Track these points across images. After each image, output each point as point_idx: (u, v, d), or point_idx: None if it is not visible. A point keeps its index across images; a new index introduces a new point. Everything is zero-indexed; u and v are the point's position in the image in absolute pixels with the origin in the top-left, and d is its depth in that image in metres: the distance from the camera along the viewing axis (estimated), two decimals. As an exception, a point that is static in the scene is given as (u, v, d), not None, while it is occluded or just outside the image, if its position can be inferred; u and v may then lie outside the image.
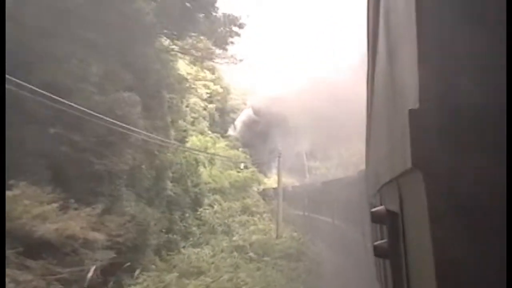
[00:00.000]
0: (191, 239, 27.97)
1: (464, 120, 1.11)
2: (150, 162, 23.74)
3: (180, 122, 31.52)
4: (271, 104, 63.35)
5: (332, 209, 27.13)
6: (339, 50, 57.04)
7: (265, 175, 78.03)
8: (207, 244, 27.52)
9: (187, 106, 39.84)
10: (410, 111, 1.18)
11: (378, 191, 4.07)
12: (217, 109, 57.54)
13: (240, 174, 38.81)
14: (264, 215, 38.10)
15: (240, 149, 48.88)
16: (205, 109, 51.25)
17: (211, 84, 44.78)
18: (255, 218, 35.39)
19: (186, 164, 29.75)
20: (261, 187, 42.59)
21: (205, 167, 35.24)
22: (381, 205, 3.39)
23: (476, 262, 1.03)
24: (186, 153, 30.14)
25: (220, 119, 59.78)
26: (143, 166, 23.03)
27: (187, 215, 28.68)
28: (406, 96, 1.39)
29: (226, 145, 47.90)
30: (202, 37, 30.10)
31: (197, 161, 30.73)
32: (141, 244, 20.24)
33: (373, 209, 3.03)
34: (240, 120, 66.08)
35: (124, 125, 18.52)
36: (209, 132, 49.39)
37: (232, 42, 31.90)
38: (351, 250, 19.06)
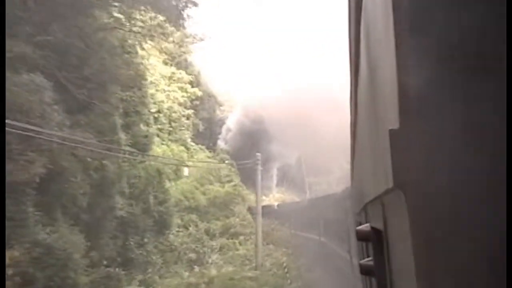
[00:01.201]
0: (149, 270, 22.29)
1: (447, 139, 1.10)
2: (86, 174, 18.18)
3: (141, 126, 26.02)
4: (262, 111, 57.99)
5: (319, 227, 26.29)
6: (334, 51, 51.70)
7: (262, 192, 72.71)
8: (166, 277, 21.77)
9: (159, 112, 34.42)
10: (391, 131, 1.18)
11: (363, 208, 3.99)
12: (202, 119, 52.34)
13: (220, 189, 33.13)
14: (252, 236, 32.47)
15: (227, 161, 43.26)
16: (187, 118, 46.14)
17: (188, 87, 39.21)
18: (237, 241, 29.69)
19: (146, 177, 24.15)
20: (246, 203, 36.92)
21: (172, 180, 29.63)
22: (366, 222, 3.23)
23: (460, 280, 1.05)
24: (146, 163, 24.56)
25: (207, 131, 54.41)
26: (75, 179, 17.46)
27: (146, 240, 23.01)
28: (386, 114, 1.37)
29: (208, 157, 42.37)
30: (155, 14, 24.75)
31: (160, 173, 25.08)
32: (59, 284, 14.59)
33: (358, 227, 3.09)
34: (228, 129, 60.66)
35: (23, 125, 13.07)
36: (192, 143, 44.12)
37: (188, 16, 26.71)
38: (338, 267, 18.51)
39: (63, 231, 15.70)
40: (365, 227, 2.81)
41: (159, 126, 35.85)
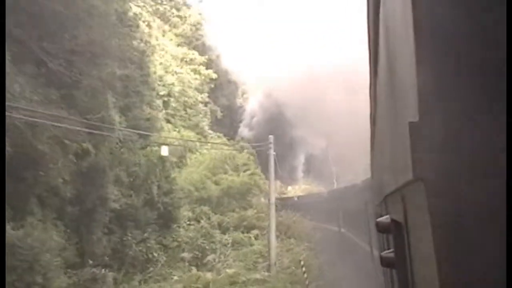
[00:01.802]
0: (150, 269, 19.75)
1: (465, 132, 1.11)
2: (68, 159, 15.64)
3: (143, 108, 23.42)
4: (284, 98, 54.91)
5: (338, 218, 26.53)
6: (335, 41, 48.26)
7: (288, 183, 69.61)
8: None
9: (169, 95, 31.83)
10: (410, 123, 1.21)
11: (383, 200, 4.03)
12: (221, 105, 49.68)
13: (235, 178, 30.31)
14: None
15: (246, 150, 40.53)
16: (205, 105, 43.54)
17: (201, 68, 36.42)
18: (252, 235, 26.94)
19: (148, 164, 21.56)
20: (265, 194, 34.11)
21: (178, 168, 26.99)
22: (386, 214, 3.28)
23: (479, 270, 1.07)
24: (148, 149, 21.95)
25: (227, 119, 51.68)
26: (54, 165, 14.94)
27: (146, 235, 20.45)
28: (406, 107, 1.41)
29: (224, 145, 39.76)
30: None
31: (163, 161, 22.41)
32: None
33: (378, 219, 3.12)
34: (252, 114, 57.74)
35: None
36: (210, 131, 41.55)
37: None
38: (358, 259, 17.70)
39: (33, 227, 13.17)
40: (385, 219, 2.83)
41: (170, 111, 33.33)
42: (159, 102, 28.59)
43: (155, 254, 20.03)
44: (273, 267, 19.48)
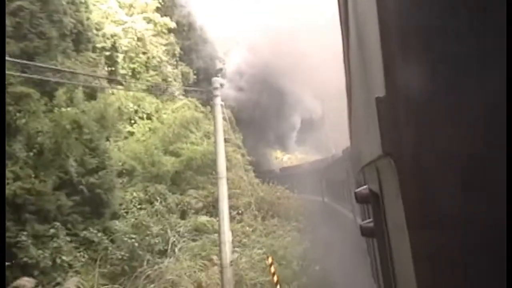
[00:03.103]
0: (58, 279, 13.87)
1: (432, 104, 1.12)
2: None
3: (58, 58, 17.15)
4: (270, 53, 48.26)
5: (322, 189, 26.66)
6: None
7: (281, 150, 63.28)
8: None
9: (114, 49, 25.50)
10: (377, 98, 1.21)
11: (361, 170, 3.93)
12: (198, 69, 43.40)
13: (199, 148, 24.19)
14: (248, 211, 24.04)
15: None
16: (176, 66, 37.47)
17: (156, 17, 29.90)
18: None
19: (56, 132, 15.43)
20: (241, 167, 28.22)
21: (118, 138, 20.93)
22: (365, 184, 3.25)
23: (448, 238, 1.11)
24: (56, 111, 15.80)
25: (206, 83, 45.30)
26: None
27: (53, 231, 14.49)
28: (374, 82, 1.41)
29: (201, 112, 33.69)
30: None
31: (80, 126, 16.19)
32: None
33: (356, 190, 3.15)
34: (239, 73, 51.20)
35: None
36: (181, 97, 35.55)
37: None
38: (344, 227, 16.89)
39: None
40: (363, 189, 2.83)
41: (123, 71, 27.14)
42: (94, 55, 22.29)
43: (65, 258, 14.07)
44: (227, 270, 13.43)
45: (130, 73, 28.72)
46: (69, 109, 15.93)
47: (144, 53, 30.69)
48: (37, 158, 15.02)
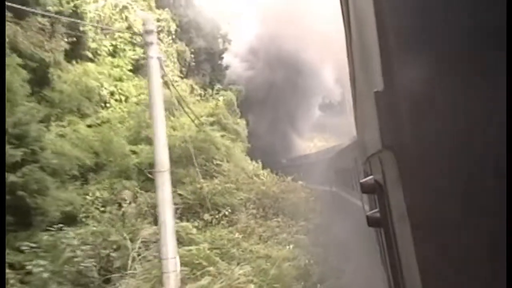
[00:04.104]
0: None
1: (430, 98, 1.14)
2: None
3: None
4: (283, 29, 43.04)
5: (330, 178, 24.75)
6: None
7: (298, 136, 57.69)
8: None
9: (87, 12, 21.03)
10: (376, 93, 1.22)
11: (366, 160, 3.75)
12: (198, 49, 38.97)
13: (177, 133, 19.46)
14: (239, 211, 19.64)
15: (222, 98, 29.71)
16: (170, 45, 33.66)
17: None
18: (205, 222, 16.66)
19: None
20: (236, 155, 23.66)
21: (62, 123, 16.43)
22: (371, 174, 3.14)
23: (450, 230, 1.13)
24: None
25: (208, 64, 40.60)
26: None
27: None
28: (373, 76, 1.42)
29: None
30: None
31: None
32: None
33: (362, 181, 3.22)
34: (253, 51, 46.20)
35: None
36: (176, 78, 31.47)
37: None
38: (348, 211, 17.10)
39: None
40: (369, 179, 2.83)
41: (94, 45, 22.79)
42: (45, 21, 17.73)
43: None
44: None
45: (111, 50, 24.63)
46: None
47: (128, 27, 26.82)
48: None
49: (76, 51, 20.73)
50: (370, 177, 2.87)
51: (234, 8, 42.70)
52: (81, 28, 20.38)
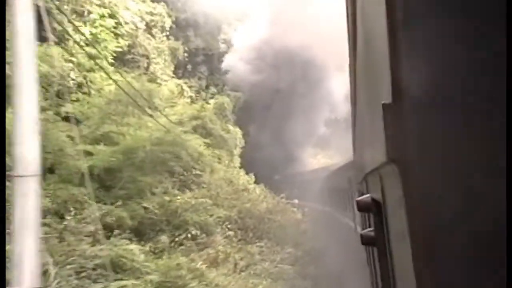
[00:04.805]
0: None
1: (438, 112, 1.11)
2: None
3: None
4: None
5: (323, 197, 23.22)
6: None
7: (301, 150, 54.05)
8: None
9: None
10: (384, 105, 1.20)
11: (363, 178, 4.03)
12: (196, 48, 36.15)
13: (143, 133, 16.15)
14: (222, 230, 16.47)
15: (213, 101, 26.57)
16: (162, 41, 30.97)
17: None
18: (165, 245, 13.45)
19: None
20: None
21: None
22: (367, 193, 3.28)
23: (452, 249, 1.10)
24: None
25: (206, 66, 37.56)
26: None
27: None
28: (381, 88, 1.40)
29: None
30: None
31: None
32: None
33: (358, 198, 3.13)
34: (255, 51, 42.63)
35: None
36: (165, 77, 28.83)
37: None
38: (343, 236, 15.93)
39: None
40: (366, 198, 2.81)
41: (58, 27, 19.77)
42: None
43: None
44: None
45: (90, 38, 21.72)
46: None
47: (111, 15, 24.06)
48: None
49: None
50: (367, 195, 2.84)
51: (238, 9, 39.47)
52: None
